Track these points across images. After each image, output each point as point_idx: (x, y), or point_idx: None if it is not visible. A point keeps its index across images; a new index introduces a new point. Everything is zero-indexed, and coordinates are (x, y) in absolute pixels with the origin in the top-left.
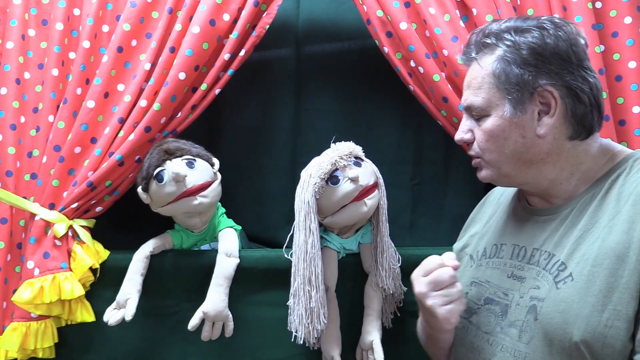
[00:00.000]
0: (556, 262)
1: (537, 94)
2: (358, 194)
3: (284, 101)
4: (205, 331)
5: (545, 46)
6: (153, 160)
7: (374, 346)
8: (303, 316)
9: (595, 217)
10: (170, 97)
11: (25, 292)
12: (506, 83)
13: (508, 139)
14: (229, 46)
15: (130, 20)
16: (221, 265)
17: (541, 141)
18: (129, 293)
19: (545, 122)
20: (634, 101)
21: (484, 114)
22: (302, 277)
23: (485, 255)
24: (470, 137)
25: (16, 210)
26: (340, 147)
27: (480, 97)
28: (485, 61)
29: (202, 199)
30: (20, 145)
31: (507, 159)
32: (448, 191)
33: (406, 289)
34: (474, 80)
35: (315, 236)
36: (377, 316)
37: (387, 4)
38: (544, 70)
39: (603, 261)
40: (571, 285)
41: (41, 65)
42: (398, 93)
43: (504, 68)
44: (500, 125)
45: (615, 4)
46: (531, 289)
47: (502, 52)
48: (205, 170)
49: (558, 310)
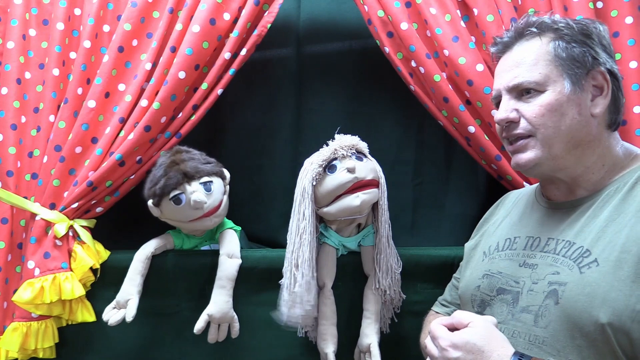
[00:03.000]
0: (578, 248)
1: (592, 75)
2: (353, 185)
3: (284, 101)
4: (211, 334)
5: (595, 34)
6: (170, 182)
7: (371, 349)
8: (286, 300)
9: (621, 208)
10: (170, 96)
11: (25, 292)
12: (567, 60)
13: (565, 115)
14: (229, 45)
15: (131, 20)
16: (223, 267)
17: (593, 121)
18: (130, 294)
19: (599, 102)
20: (635, 101)
21: (539, 89)
22: (290, 260)
23: (497, 249)
24: (516, 116)
25: (17, 210)
26: (343, 139)
27: (537, 73)
28: (544, 38)
29: (216, 218)
30: (20, 145)
31: (562, 136)
32: (449, 191)
33: (405, 296)
34: (527, 57)
35: (309, 222)
36: (375, 319)
37: (388, 4)
38: (597, 53)
39: (632, 248)
40: (596, 270)
41: (42, 65)
42: (399, 93)
43: (565, 46)
44: (559, 100)
45: (616, 4)
46: (549, 274)
47: (561, 31)
48: (219, 189)
49: (583, 293)
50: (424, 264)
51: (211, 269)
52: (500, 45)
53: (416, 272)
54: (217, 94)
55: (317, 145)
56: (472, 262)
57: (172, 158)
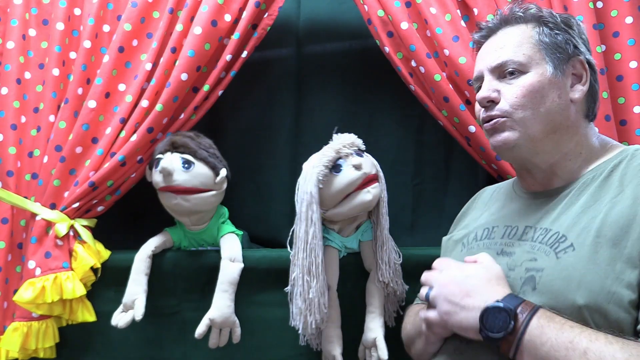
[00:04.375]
0: (554, 234)
1: (572, 63)
2: (362, 181)
3: (284, 101)
4: (213, 338)
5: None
6: (160, 146)
7: (378, 343)
8: (302, 307)
9: (597, 195)
10: (172, 98)
11: (26, 292)
12: (551, 45)
13: (545, 97)
14: (230, 47)
15: (131, 20)
16: (225, 271)
17: (572, 107)
18: (136, 293)
19: (578, 88)
20: (635, 101)
21: (521, 70)
22: (301, 267)
23: (476, 239)
24: (497, 96)
25: (17, 210)
26: (342, 137)
27: (521, 54)
28: (529, 25)
29: (182, 201)
30: (21, 145)
31: (540, 118)
32: (449, 191)
33: (408, 286)
34: (513, 39)
35: (317, 227)
36: (379, 313)
37: (388, 4)
38: (578, 43)
39: (606, 233)
40: (573, 254)
41: (42, 65)
42: (399, 93)
43: (549, 32)
44: (541, 82)
45: (616, 4)
46: (525, 261)
47: (545, 18)
48: (200, 176)
49: (560, 277)
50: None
51: (212, 269)
52: (485, 31)
53: (416, 272)
54: (218, 95)
55: (317, 145)
56: (450, 251)
57: (180, 132)
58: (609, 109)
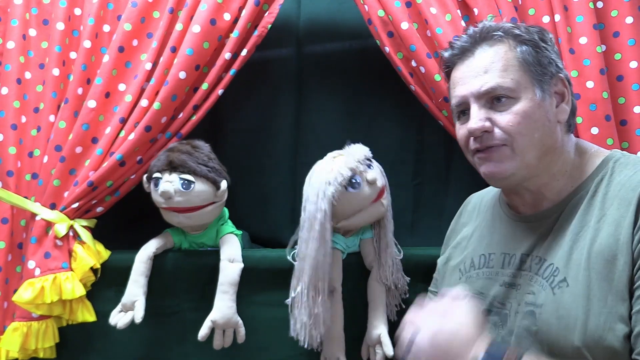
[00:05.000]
0: (549, 266)
1: (554, 81)
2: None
3: (284, 101)
4: (217, 340)
5: (549, 40)
6: (158, 163)
7: (382, 339)
8: (306, 322)
9: (584, 220)
10: (170, 97)
11: (26, 292)
12: (535, 65)
13: (537, 122)
14: (229, 45)
15: (131, 20)
16: (225, 272)
17: (559, 127)
18: (136, 295)
19: (563, 109)
20: (635, 101)
21: (511, 97)
22: (307, 282)
23: (474, 267)
24: (490, 125)
25: (17, 210)
26: (355, 151)
27: (509, 79)
28: (509, 44)
29: (184, 219)
30: (21, 145)
31: (535, 143)
32: (449, 191)
33: (409, 279)
34: (495, 63)
35: (329, 246)
36: (382, 310)
37: (388, 4)
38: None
39: (594, 265)
40: (567, 291)
41: (42, 65)
42: (399, 93)
43: (531, 51)
44: (532, 107)
45: (616, 4)
46: (526, 294)
47: (523, 36)
48: (201, 194)
49: (556, 316)
50: (424, 264)
51: (212, 269)
52: (458, 50)
53: (416, 272)
54: (218, 94)
55: (317, 145)
56: (448, 279)
57: (176, 145)
58: (609, 109)
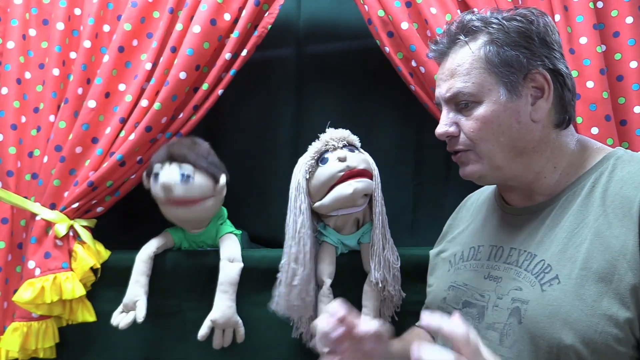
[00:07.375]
0: (539, 262)
1: (531, 77)
2: (345, 174)
3: (284, 101)
4: (216, 339)
5: (533, 30)
6: (157, 157)
7: None
8: (283, 293)
9: (581, 216)
10: (171, 97)
11: (26, 292)
12: (500, 66)
13: (503, 125)
14: (229, 46)
15: (131, 20)
16: (225, 272)
17: (535, 127)
18: (137, 295)
19: (540, 106)
20: (635, 101)
21: (474, 101)
22: (289, 255)
23: (462, 259)
24: (455, 130)
25: (17, 210)
26: (333, 131)
27: (470, 83)
28: (475, 45)
29: (183, 212)
30: (21, 145)
31: (501, 147)
32: (449, 191)
33: (405, 294)
34: (460, 66)
35: (306, 216)
36: (373, 316)
37: (388, 4)
38: (535, 53)
39: (592, 265)
40: (558, 288)
41: (42, 65)
42: (399, 93)
43: (497, 50)
44: (495, 111)
45: (616, 4)
46: (512, 290)
47: (492, 35)
48: (200, 187)
49: (545, 313)
50: (424, 264)
51: (212, 268)
52: (437, 53)
53: (416, 272)
54: (218, 94)
55: None
56: (437, 270)
57: (177, 140)
58: (609, 109)
